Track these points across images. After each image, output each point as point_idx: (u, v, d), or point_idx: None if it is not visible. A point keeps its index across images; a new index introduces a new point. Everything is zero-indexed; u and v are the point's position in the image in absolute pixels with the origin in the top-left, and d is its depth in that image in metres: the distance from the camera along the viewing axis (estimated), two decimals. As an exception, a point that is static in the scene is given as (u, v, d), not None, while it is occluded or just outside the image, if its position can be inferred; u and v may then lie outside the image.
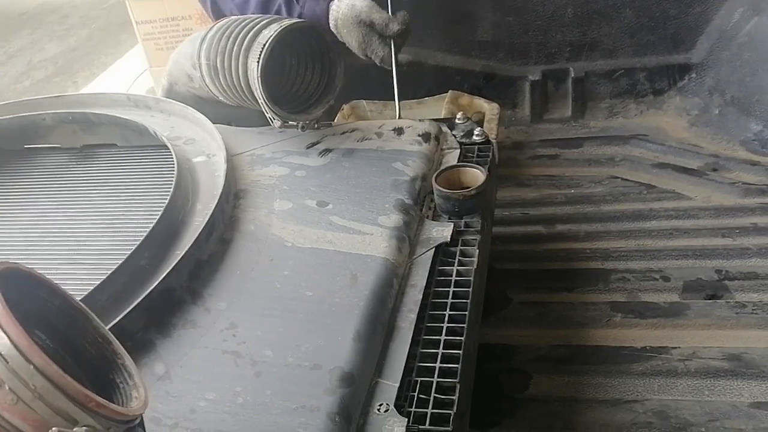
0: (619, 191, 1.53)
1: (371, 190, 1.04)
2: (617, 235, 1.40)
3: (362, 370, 0.75)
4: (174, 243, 0.92)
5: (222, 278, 0.87)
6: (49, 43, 4.79)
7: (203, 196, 1.03)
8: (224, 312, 0.82)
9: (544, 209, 1.52)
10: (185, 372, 0.75)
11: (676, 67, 1.77)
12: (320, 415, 0.68)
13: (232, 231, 0.96)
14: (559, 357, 1.14)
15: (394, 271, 0.90)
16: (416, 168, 1.10)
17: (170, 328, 0.80)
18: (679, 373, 1.07)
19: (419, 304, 0.86)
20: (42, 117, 1.27)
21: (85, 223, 1.08)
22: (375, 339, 0.80)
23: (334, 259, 0.91)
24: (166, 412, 0.70)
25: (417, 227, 1.00)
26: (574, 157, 1.69)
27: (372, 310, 0.82)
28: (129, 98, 1.31)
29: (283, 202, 1.03)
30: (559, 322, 1.21)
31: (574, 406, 1.05)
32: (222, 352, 0.77)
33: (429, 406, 0.73)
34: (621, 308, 1.22)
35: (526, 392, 1.09)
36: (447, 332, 0.83)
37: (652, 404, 1.03)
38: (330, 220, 0.98)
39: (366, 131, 1.21)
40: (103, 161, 1.26)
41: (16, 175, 1.25)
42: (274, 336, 0.79)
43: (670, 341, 1.13)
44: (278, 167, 1.12)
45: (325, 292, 0.85)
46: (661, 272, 1.28)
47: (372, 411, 0.72)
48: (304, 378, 0.73)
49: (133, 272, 0.84)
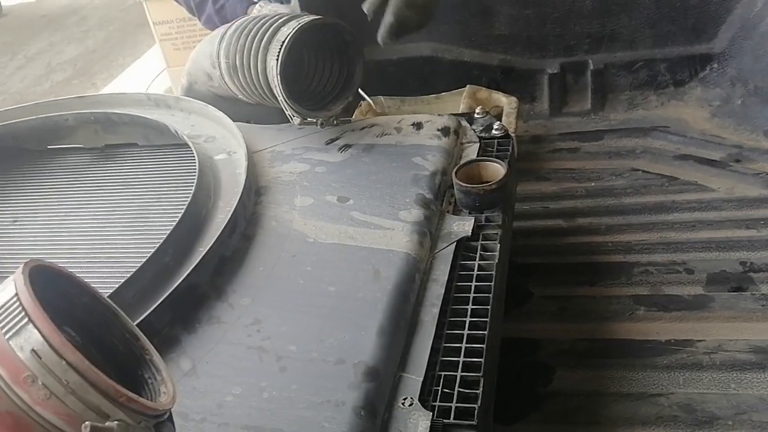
0: (640, 184, 1.52)
1: (391, 185, 1.04)
2: (639, 228, 1.39)
3: (386, 364, 0.75)
4: (197, 240, 0.93)
5: (245, 274, 0.88)
6: (68, 45, 4.85)
7: (225, 193, 1.03)
8: (248, 308, 0.83)
9: (564, 203, 1.51)
10: (211, 367, 0.76)
11: (698, 58, 1.75)
12: (345, 409, 0.69)
13: (254, 227, 0.97)
14: (582, 351, 1.13)
15: (416, 265, 0.90)
16: (436, 162, 1.10)
17: (195, 324, 0.81)
18: (704, 367, 1.06)
19: (441, 299, 0.86)
20: (65, 117, 1.29)
21: (108, 221, 1.09)
22: (398, 334, 0.80)
23: (356, 255, 0.91)
24: (193, 407, 0.70)
25: (438, 222, 1.00)
26: (594, 150, 1.67)
27: (395, 305, 0.82)
28: (149, 98, 1.33)
29: (304, 198, 1.03)
30: (581, 315, 1.21)
31: (598, 400, 1.04)
32: (247, 348, 0.77)
33: (453, 401, 0.73)
34: (644, 301, 1.21)
35: (549, 386, 1.08)
36: (470, 326, 0.82)
37: (678, 398, 1.02)
38: (351, 216, 0.98)
39: (385, 127, 1.21)
40: (124, 161, 1.28)
41: (40, 176, 1.27)
42: (298, 331, 0.79)
43: (694, 334, 1.12)
44: (298, 163, 1.12)
45: (347, 288, 0.85)
46: (685, 265, 1.27)
47: (396, 405, 0.72)
48: (328, 372, 0.73)
49: (157, 269, 0.85)
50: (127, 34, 4.79)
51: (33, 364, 0.44)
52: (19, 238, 1.10)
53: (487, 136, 1.21)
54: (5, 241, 1.09)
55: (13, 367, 0.44)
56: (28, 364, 0.44)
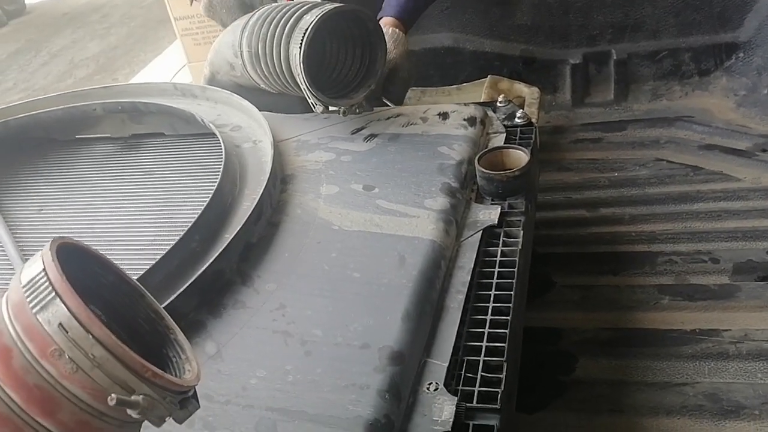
0: (664, 174, 1.51)
1: (417, 174, 1.05)
2: (663, 218, 1.37)
3: (411, 349, 0.75)
4: (223, 226, 0.94)
5: (271, 260, 0.89)
6: (90, 41, 4.90)
7: (251, 181, 1.04)
8: (273, 293, 0.84)
9: (587, 193, 1.50)
10: (236, 351, 0.76)
11: (723, 47, 1.73)
12: (370, 392, 0.69)
13: (279, 215, 0.97)
14: (606, 340, 1.13)
15: (441, 253, 0.90)
16: (462, 152, 1.10)
17: (221, 309, 0.82)
18: (730, 356, 1.05)
19: (467, 285, 0.86)
20: (92, 107, 1.30)
21: (135, 209, 1.11)
22: (424, 319, 0.80)
23: (382, 242, 0.91)
24: (218, 390, 0.71)
25: (464, 210, 1.01)
26: (617, 141, 1.66)
27: (420, 291, 0.82)
28: (176, 87, 1.34)
29: (329, 186, 1.04)
30: (604, 305, 1.20)
31: (621, 389, 1.03)
32: (272, 332, 0.78)
33: (476, 385, 0.73)
34: (669, 291, 1.20)
35: (572, 375, 1.08)
36: (493, 312, 0.83)
37: (703, 387, 1.01)
38: (377, 204, 0.99)
39: (411, 116, 1.22)
40: (151, 149, 1.29)
41: (67, 165, 1.29)
42: (323, 316, 0.80)
43: (720, 324, 1.11)
44: (324, 152, 1.13)
45: (373, 274, 0.86)
46: (710, 254, 1.26)
47: (421, 390, 0.73)
48: (353, 357, 0.74)
49: (184, 254, 0.87)
50: (148, 30, 4.83)
51: (60, 338, 0.45)
52: (45, 226, 1.12)
53: (509, 125, 1.20)
54: (32, 230, 1.11)
55: (40, 340, 0.45)
56: (55, 338, 0.45)
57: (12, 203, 1.19)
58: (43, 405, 0.45)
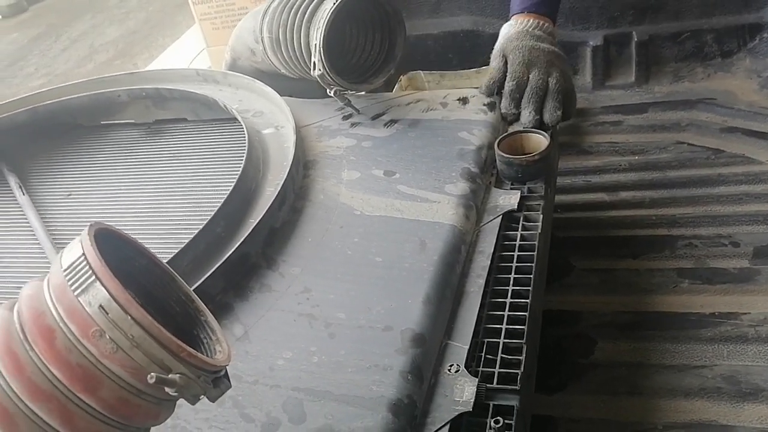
0: (685, 157, 1.50)
1: (437, 159, 1.06)
2: (684, 202, 1.37)
3: (432, 331, 0.77)
4: (248, 211, 0.96)
5: (295, 245, 0.91)
6: (109, 26, 4.93)
7: (273, 166, 1.06)
8: (298, 277, 0.86)
9: (607, 177, 1.50)
10: (263, 333, 0.79)
11: (747, 27, 1.70)
12: (393, 373, 0.71)
13: (302, 200, 0.99)
14: (624, 323, 1.14)
15: (461, 237, 0.91)
16: (482, 137, 1.10)
17: (247, 292, 0.84)
18: (749, 339, 1.06)
19: (487, 269, 0.88)
20: (117, 94, 1.33)
21: (161, 194, 1.14)
22: (444, 303, 0.82)
23: (403, 227, 0.93)
24: (246, 370, 0.74)
25: (484, 195, 1.02)
26: (638, 123, 1.65)
27: (441, 275, 0.84)
28: (198, 73, 1.36)
29: (351, 171, 1.05)
30: (623, 288, 1.21)
31: (640, 371, 1.05)
32: (297, 315, 0.80)
33: (496, 366, 0.75)
34: (688, 274, 1.20)
35: (591, 357, 1.09)
36: (512, 295, 0.84)
37: (722, 369, 1.02)
38: (397, 189, 1.00)
39: (431, 102, 1.22)
40: (175, 135, 1.31)
41: (95, 150, 1.32)
42: (347, 299, 0.82)
43: (740, 307, 1.11)
44: (345, 138, 1.14)
45: (394, 258, 0.87)
46: (731, 238, 1.26)
47: (443, 371, 0.74)
48: (376, 339, 0.76)
49: (210, 239, 0.89)
50: (166, 14, 4.85)
51: (100, 319, 0.47)
52: (74, 212, 1.15)
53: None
54: (61, 215, 1.14)
55: (82, 322, 0.47)
56: (96, 319, 0.47)
57: (41, 188, 1.22)
58: (85, 383, 0.47)
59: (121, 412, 0.49)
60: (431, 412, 0.70)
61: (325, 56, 1.10)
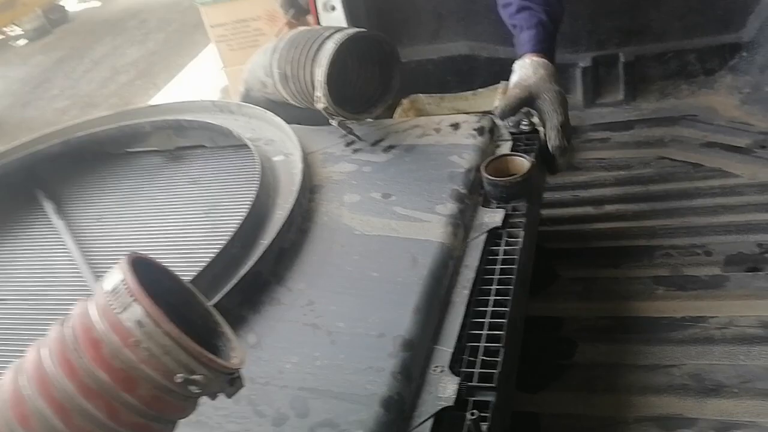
0: (666, 171, 1.60)
1: (430, 182, 1.16)
2: (663, 214, 1.47)
3: (420, 337, 0.88)
4: (260, 233, 1.08)
5: (301, 263, 1.03)
6: (130, 48, 5.11)
7: (283, 191, 1.18)
8: (304, 291, 0.97)
9: (593, 191, 1.60)
10: (273, 341, 0.90)
11: (727, 47, 1.80)
12: (385, 374, 0.81)
13: (308, 222, 1.11)
14: (604, 327, 1.24)
15: (449, 253, 1.02)
16: (471, 160, 1.21)
17: (259, 305, 0.95)
18: (715, 340, 1.15)
19: (472, 281, 0.98)
20: (142, 125, 1.46)
21: (180, 217, 1.25)
22: (432, 312, 0.93)
23: (397, 245, 1.04)
24: (258, 373, 0.85)
25: (471, 214, 1.13)
26: (624, 140, 1.75)
27: (429, 288, 0.95)
28: (214, 104, 1.49)
29: (352, 195, 1.17)
30: (604, 295, 1.31)
31: (616, 371, 1.15)
32: (303, 324, 0.92)
33: (476, 367, 0.85)
34: (664, 282, 1.30)
35: (571, 359, 1.20)
36: (494, 304, 0.94)
37: (688, 368, 1.12)
38: (393, 210, 1.11)
39: (425, 127, 1.33)
40: (193, 161, 1.44)
41: (121, 176, 1.45)
42: (346, 310, 0.93)
43: (708, 311, 1.21)
44: (347, 164, 1.26)
45: (389, 273, 0.98)
46: (704, 247, 1.35)
47: (429, 371, 0.85)
48: (371, 344, 0.86)
49: (227, 259, 1.00)
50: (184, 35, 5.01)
51: (138, 332, 0.58)
52: (105, 234, 1.26)
53: (516, 132, 1.32)
54: (93, 237, 1.26)
55: (123, 334, 0.58)
56: (134, 331, 0.58)
57: (75, 213, 1.35)
58: (126, 383, 0.58)
59: (155, 407, 0.60)
60: (418, 407, 0.81)
61: (328, 91, 1.22)
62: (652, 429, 1.04)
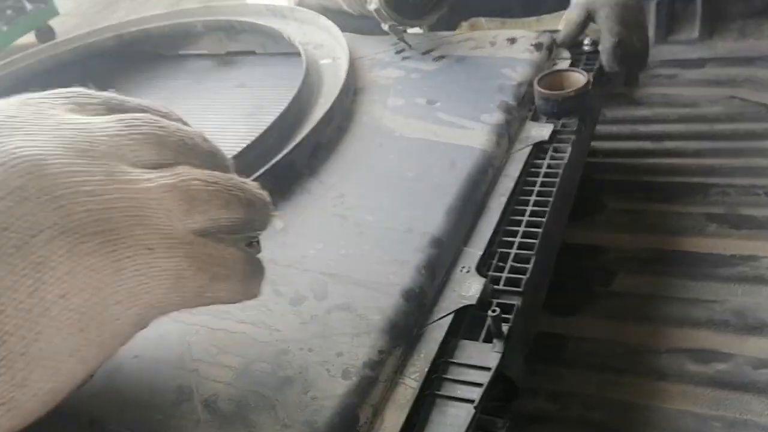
0: (736, 111, 1.50)
1: (478, 92, 1.13)
2: (726, 153, 1.38)
3: (450, 237, 0.86)
4: (298, 129, 1.06)
5: (336, 158, 1.01)
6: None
7: (327, 93, 1.16)
8: (335, 185, 0.96)
9: (654, 126, 1.53)
10: (299, 228, 0.89)
11: (818, -15, 1.66)
12: (409, 267, 0.80)
13: (348, 121, 1.09)
14: (646, 259, 1.19)
15: (490, 161, 0.99)
16: (524, 74, 1.16)
17: (290, 194, 0.95)
18: (765, 281, 1.09)
19: (510, 190, 0.96)
20: (194, 24, 1.45)
21: (224, 116, 1.26)
22: (465, 214, 0.90)
23: (436, 148, 1.01)
24: (282, 256, 0.84)
25: (519, 127, 1.09)
26: (694, 77, 1.65)
27: (465, 191, 0.92)
28: (267, 8, 1.46)
29: (396, 99, 1.14)
30: (651, 228, 1.25)
31: (652, 302, 1.10)
32: (331, 215, 0.91)
33: (505, 272, 0.83)
34: (716, 219, 1.23)
35: (608, 288, 1.16)
36: (530, 214, 0.92)
37: (731, 305, 1.06)
38: (436, 116, 1.08)
39: (479, 40, 1.29)
40: (243, 67, 1.44)
41: (171, 77, 1.46)
42: (376, 205, 0.91)
43: (761, 251, 1.14)
44: (395, 70, 1.23)
45: (424, 174, 0.96)
46: (765, 188, 1.27)
47: (455, 271, 0.83)
48: (398, 238, 0.85)
49: (262, 149, 1.00)
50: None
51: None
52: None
53: (577, 51, 1.26)
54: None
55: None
56: None
57: (124, 106, 1.36)
58: None
59: None
60: (439, 302, 0.80)
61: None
62: (684, 360, 1.00)
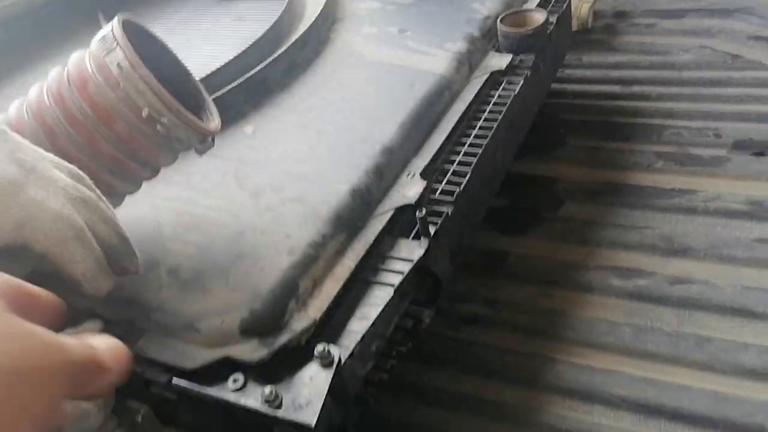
0: (705, 60, 1.57)
1: (446, 23, 1.21)
2: (687, 98, 1.46)
3: (400, 147, 0.96)
4: (276, 50, 1.15)
5: (308, 77, 1.11)
6: None
7: (306, 20, 1.25)
8: (304, 99, 1.06)
9: (625, 72, 1.60)
10: (266, 134, 0.99)
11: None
12: (359, 170, 0.90)
13: (324, 45, 1.18)
14: (594, 190, 1.28)
15: (447, 85, 1.08)
16: (492, 9, 1.25)
17: (261, 106, 1.05)
18: (698, 211, 1.18)
19: (461, 113, 1.05)
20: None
21: (216, 44, 1.33)
22: (417, 130, 1.00)
23: (399, 72, 1.10)
24: (248, 156, 0.94)
25: (480, 56, 1.17)
26: (671, 27, 1.71)
27: (419, 109, 1.01)
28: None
29: (370, 28, 1.23)
30: (604, 163, 1.34)
31: (591, 227, 1.20)
32: (296, 124, 1.01)
33: (443, 183, 0.93)
34: (665, 156, 1.32)
35: (555, 213, 1.25)
36: (475, 136, 1.01)
37: (662, 231, 1.16)
38: (405, 44, 1.17)
39: (456, -23, 1.36)
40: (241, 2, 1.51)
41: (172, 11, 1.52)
42: (339, 118, 1.01)
43: (699, 186, 1.23)
44: (373, 2, 1.31)
45: (386, 94, 1.05)
46: (716, 131, 1.35)
47: (402, 176, 0.94)
48: (353, 146, 0.95)
49: (239, 66, 1.08)
50: None
51: (118, 73, 0.67)
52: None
53: (545, -8, 1.33)
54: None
55: (106, 74, 0.67)
56: (114, 72, 0.67)
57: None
58: (106, 117, 0.68)
59: (129, 144, 0.69)
60: (383, 201, 0.90)
61: None
62: (609, 276, 1.10)
